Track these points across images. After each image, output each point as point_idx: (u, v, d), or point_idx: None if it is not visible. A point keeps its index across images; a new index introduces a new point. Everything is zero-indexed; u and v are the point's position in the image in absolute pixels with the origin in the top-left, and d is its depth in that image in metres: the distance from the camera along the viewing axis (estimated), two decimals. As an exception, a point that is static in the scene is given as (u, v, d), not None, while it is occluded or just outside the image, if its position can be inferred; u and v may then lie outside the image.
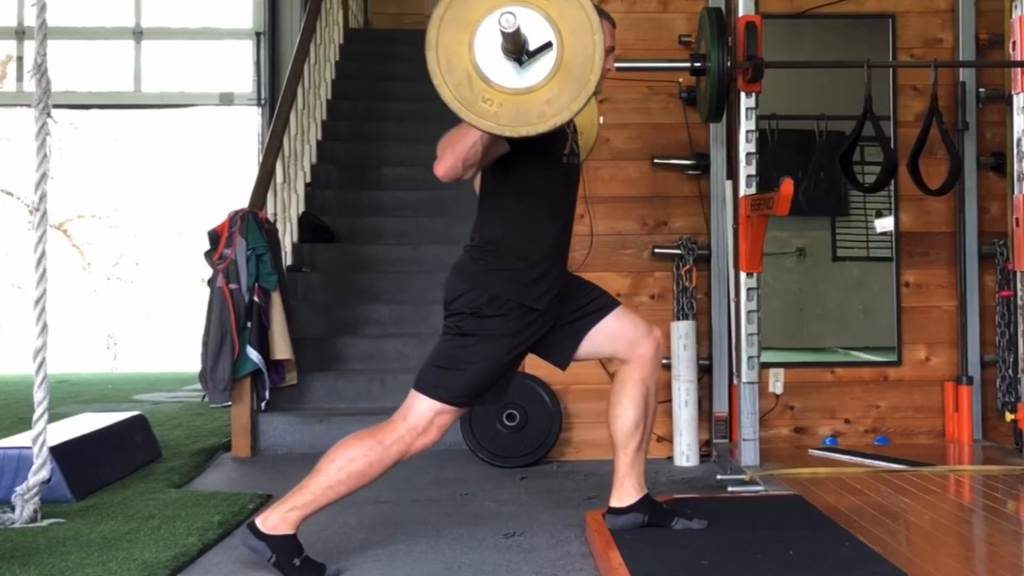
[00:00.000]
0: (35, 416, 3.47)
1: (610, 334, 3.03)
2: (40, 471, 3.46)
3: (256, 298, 4.75)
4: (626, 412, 3.04)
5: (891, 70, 4.67)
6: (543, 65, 2.49)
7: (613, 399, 3.08)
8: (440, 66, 2.48)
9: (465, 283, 2.86)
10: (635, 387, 3.04)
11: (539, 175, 2.87)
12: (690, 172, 4.70)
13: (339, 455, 2.82)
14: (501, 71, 2.49)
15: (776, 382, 4.55)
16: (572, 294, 3.01)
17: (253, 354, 4.71)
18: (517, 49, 2.47)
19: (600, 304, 3.05)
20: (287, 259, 5.85)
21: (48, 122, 3.51)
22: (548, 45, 2.48)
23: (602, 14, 2.68)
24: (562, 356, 3.05)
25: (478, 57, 2.49)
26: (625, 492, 3.08)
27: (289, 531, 2.81)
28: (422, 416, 2.84)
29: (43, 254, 3.49)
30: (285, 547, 2.81)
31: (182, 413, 6.14)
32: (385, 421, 2.87)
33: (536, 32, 2.48)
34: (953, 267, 4.69)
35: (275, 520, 2.81)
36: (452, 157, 2.69)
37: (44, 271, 3.48)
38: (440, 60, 2.48)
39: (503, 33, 2.42)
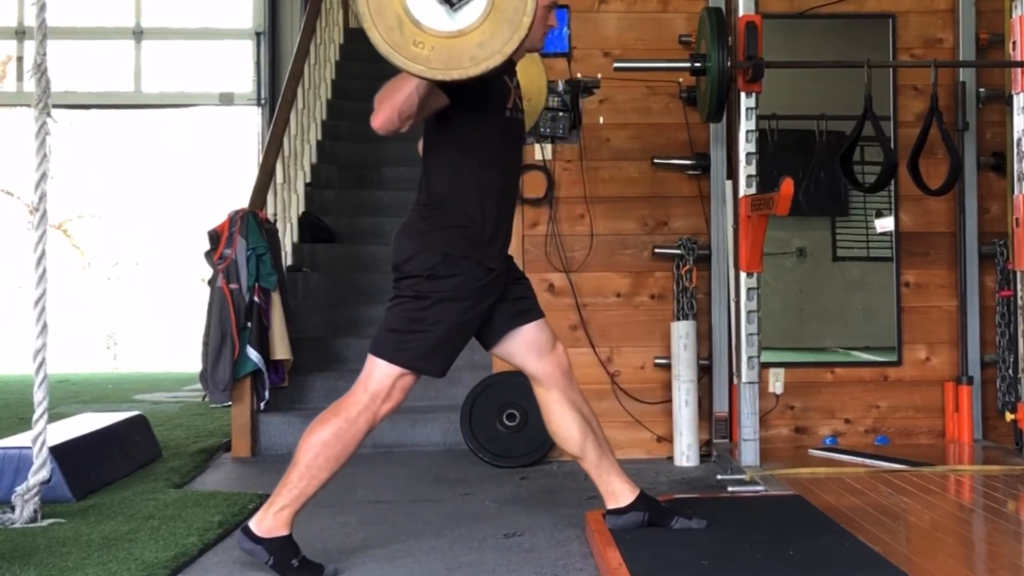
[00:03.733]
0: (35, 416, 3.48)
1: (526, 342, 3.00)
2: (40, 471, 3.46)
3: (256, 298, 4.75)
4: (567, 429, 3.02)
5: (891, 70, 4.67)
6: (475, 8, 2.46)
7: (548, 423, 3.06)
8: (370, 9, 2.44)
9: (416, 243, 2.83)
10: (559, 406, 3.02)
11: (481, 128, 2.83)
12: (690, 172, 4.70)
13: (311, 442, 2.81)
14: (433, 14, 2.46)
15: (776, 382, 4.54)
16: (513, 280, 2.98)
17: (253, 354, 4.71)
18: None
19: (530, 307, 3.02)
20: (287, 259, 5.85)
21: (48, 122, 3.51)
22: None
23: None
24: (489, 338, 3.01)
25: (409, 0, 2.46)
26: (617, 494, 3.07)
27: (284, 531, 2.81)
28: (383, 382, 2.82)
29: (43, 254, 3.50)
30: (282, 548, 2.80)
31: (182, 413, 6.14)
32: (345, 395, 2.85)
33: None
34: (953, 267, 4.69)
35: (268, 522, 2.80)
36: (388, 108, 2.64)
37: (44, 271, 3.49)
38: (370, 4, 2.45)
39: None
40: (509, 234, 2.94)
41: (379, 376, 2.83)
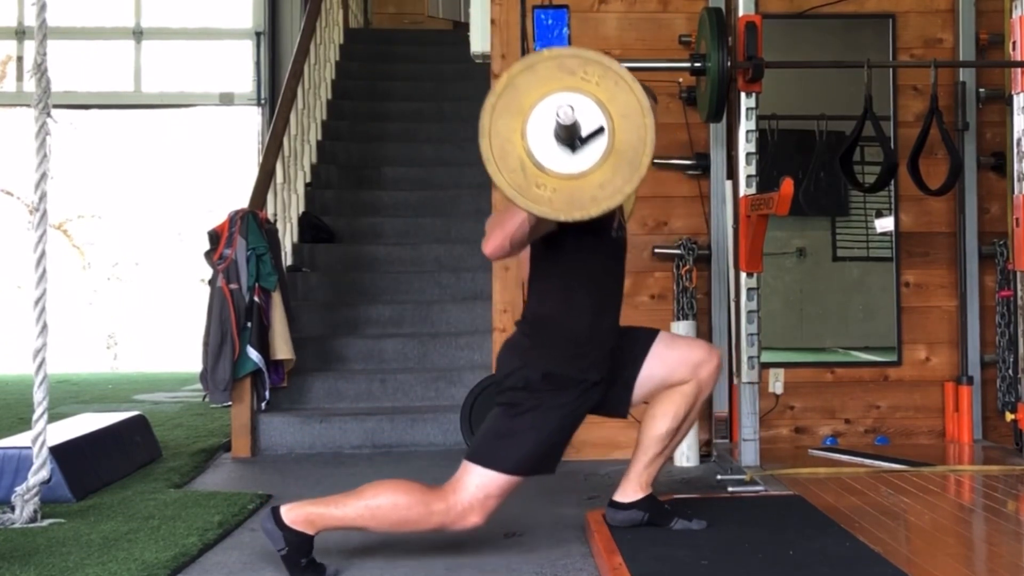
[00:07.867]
0: (35, 416, 3.47)
1: (665, 364, 3.01)
2: (40, 471, 3.46)
3: (256, 298, 4.75)
4: (663, 420, 3.02)
5: (891, 70, 4.67)
6: (595, 149, 2.54)
7: (654, 401, 3.06)
8: (494, 153, 2.53)
9: (518, 360, 2.88)
10: (681, 398, 3.02)
11: (588, 252, 2.89)
12: (690, 172, 4.69)
13: (387, 493, 2.82)
14: (554, 157, 2.54)
15: (776, 382, 4.54)
16: (620, 348, 2.99)
17: (253, 354, 4.71)
18: (571, 136, 2.50)
19: (641, 345, 3.02)
20: (287, 259, 5.85)
21: (48, 122, 3.51)
22: (600, 130, 2.53)
23: (648, 93, 2.70)
24: (619, 408, 3.04)
25: (531, 143, 2.53)
26: (631, 489, 3.09)
27: (310, 532, 2.82)
28: (472, 492, 2.82)
29: (43, 254, 3.50)
30: (300, 545, 2.81)
31: (182, 413, 6.14)
32: (439, 486, 2.86)
33: (588, 117, 2.52)
34: (953, 267, 4.69)
35: (301, 518, 2.81)
36: (500, 236, 2.73)
37: (44, 271, 3.49)
38: (494, 148, 2.53)
39: (559, 124, 2.46)
40: (612, 341, 2.95)
41: (469, 484, 2.83)
